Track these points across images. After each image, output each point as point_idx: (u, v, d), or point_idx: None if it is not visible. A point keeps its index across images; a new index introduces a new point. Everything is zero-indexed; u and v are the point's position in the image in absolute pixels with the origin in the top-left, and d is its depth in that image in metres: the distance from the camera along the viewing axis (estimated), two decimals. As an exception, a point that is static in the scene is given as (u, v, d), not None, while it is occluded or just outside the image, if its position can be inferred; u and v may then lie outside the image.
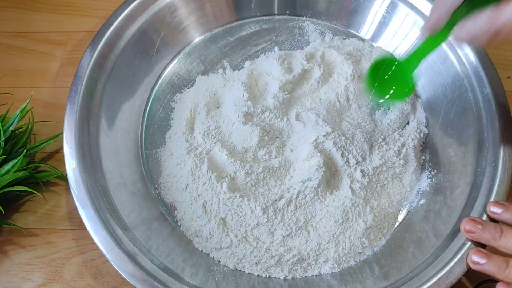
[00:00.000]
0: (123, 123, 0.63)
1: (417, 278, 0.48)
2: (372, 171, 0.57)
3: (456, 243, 0.49)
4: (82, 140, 0.56)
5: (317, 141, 0.57)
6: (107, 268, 0.57)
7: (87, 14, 0.76)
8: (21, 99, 0.66)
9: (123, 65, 0.63)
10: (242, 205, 0.56)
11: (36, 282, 0.57)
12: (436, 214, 0.55)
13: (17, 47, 0.74)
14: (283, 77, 0.62)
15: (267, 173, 0.58)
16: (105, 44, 0.62)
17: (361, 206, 0.56)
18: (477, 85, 0.58)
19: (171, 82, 0.67)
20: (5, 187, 0.56)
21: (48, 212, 0.61)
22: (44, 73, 0.71)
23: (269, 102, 0.61)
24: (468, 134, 0.57)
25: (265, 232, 0.55)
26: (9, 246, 0.59)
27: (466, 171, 0.55)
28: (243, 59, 0.69)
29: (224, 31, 0.71)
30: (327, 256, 0.55)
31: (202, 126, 0.61)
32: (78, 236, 0.60)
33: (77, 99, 0.58)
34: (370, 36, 0.69)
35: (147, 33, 0.66)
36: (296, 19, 0.71)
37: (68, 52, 0.73)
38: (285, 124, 0.60)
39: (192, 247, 0.56)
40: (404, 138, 0.60)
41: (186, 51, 0.69)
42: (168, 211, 0.59)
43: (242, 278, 0.54)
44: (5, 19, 0.77)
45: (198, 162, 0.58)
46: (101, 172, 0.56)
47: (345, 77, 0.62)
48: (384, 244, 0.56)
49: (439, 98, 0.62)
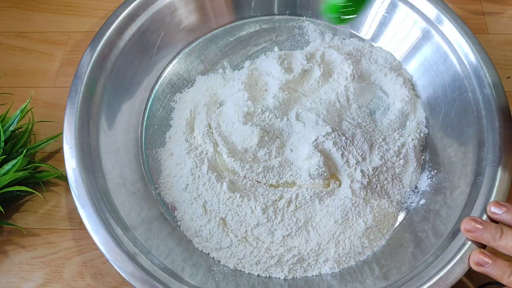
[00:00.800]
0: (123, 123, 0.63)
1: (417, 278, 0.48)
2: (372, 171, 0.57)
3: (456, 243, 0.49)
4: (82, 140, 0.56)
5: (317, 141, 0.57)
6: (107, 268, 0.57)
7: (87, 14, 0.76)
8: (21, 99, 0.66)
9: (123, 65, 0.63)
10: (242, 205, 0.56)
11: (36, 282, 0.57)
12: (436, 214, 0.55)
13: (17, 47, 0.74)
14: (283, 77, 0.62)
15: (267, 173, 0.58)
16: (105, 44, 0.62)
17: (361, 206, 0.56)
18: (477, 85, 0.58)
19: (171, 82, 0.67)
20: (5, 187, 0.56)
21: (48, 212, 0.61)
22: (44, 73, 0.71)
23: (269, 102, 0.61)
24: (468, 134, 0.57)
25: (265, 232, 0.55)
26: (9, 246, 0.59)
27: (466, 171, 0.55)
28: (243, 59, 0.69)
29: (224, 31, 0.71)
30: (327, 256, 0.55)
31: (202, 126, 0.61)
32: (78, 236, 0.59)
33: (77, 99, 0.58)
34: (370, 36, 0.69)
35: (147, 33, 0.66)
36: (296, 19, 0.71)
37: (68, 52, 0.73)
38: (285, 124, 0.60)
39: (192, 247, 0.56)
40: (404, 138, 0.60)
41: (186, 51, 0.69)
42: (168, 211, 0.59)
43: (242, 278, 0.54)
44: (5, 19, 0.77)
45: (198, 162, 0.58)
46: (101, 172, 0.56)
47: (345, 77, 0.62)
48: (384, 244, 0.56)
49: (439, 98, 0.62)
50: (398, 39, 0.67)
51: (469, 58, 0.59)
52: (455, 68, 0.60)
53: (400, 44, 0.66)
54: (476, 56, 0.59)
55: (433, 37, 0.63)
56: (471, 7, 0.74)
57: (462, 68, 0.60)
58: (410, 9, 0.65)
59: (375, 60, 0.66)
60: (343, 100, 0.62)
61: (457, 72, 0.60)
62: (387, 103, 0.64)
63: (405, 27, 0.66)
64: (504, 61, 0.69)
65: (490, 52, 0.59)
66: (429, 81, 0.64)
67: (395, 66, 0.66)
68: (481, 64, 0.58)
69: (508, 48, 0.70)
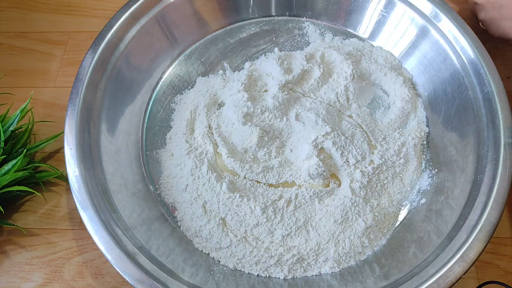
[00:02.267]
0: (124, 125, 0.63)
1: (417, 277, 0.48)
2: (372, 170, 0.57)
3: (456, 242, 0.49)
4: (83, 141, 0.56)
5: (317, 141, 0.57)
6: (107, 268, 0.57)
7: (88, 14, 0.76)
8: (21, 99, 0.66)
9: (124, 67, 0.64)
10: (241, 205, 0.56)
11: (36, 282, 0.57)
12: (437, 213, 0.55)
13: (17, 47, 0.74)
14: (283, 77, 0.62)
15: (267, 173, 0.58)
16: (106, 46, 0.62)
17: (361, 206, 0.56)
18: (477, 83, 0.58)
19: (172, 83, 0.68)
20: (5, 187, 0.57)
21: (48, 212, 0.61)
22: (44, 73, 0.71)
23: (268, 102, 0.61)
24: (469, 132, 0.57)
25: (265, 232, 0.55)
26: (9, 246, 0.59)
27: (467, 170, 0.55)
28: (243, 60, 0.69)
29: (224, 33, 0.71)
30: (327, 255, 0.55)
31: (202, 127, 0.61)
32: (78, 236, 0.59)
33: (78, 101, 0.58)
34: (368, 35, 0.69)
35: (148, 35, 0.66)
36: (296, 20, 0.72)
37: (68, 52, 0.73)
38: (285, 124, 0.60)
39: (192, 247, 0.56)
40: (404, 137, 0.60)
41: (187, 53, 0.70)
42: (168, 212, 0.59)
43: (242, 278, 0.54)
44: (5, 19, 0.77)
45: (198, 163, 0.58)
46: (101, 173, 0.56)
47: (345, 77, 0.62)
48: (384, 244, 0.56)
49: (440, 97, 0.62)
50: (396, 37, 0.67)
51: (469, 56, 0.59)
52: (455, 66, 0.60)
53: (398, 42, 0.67)
54: (475, 54, 0.59)
55: (431, 34, 0.63)
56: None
57: (462, 66, 0.60)
58: (408, 7, 0.65)
59: (375, 59, 0.66)
60: (343, 100, 0.62)
61: (457, 70, 0.60)
62: (387, 102, 0.64)
63: (402, 25, 0.66)
64: (504, 61, 0.69)
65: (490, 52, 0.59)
66: (428, 79, 0.64)
67: (395, 65, 0.66)
68: (480, 61, 0.58)
69: (508, 48, 0.70)
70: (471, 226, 0.50)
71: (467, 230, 0.50)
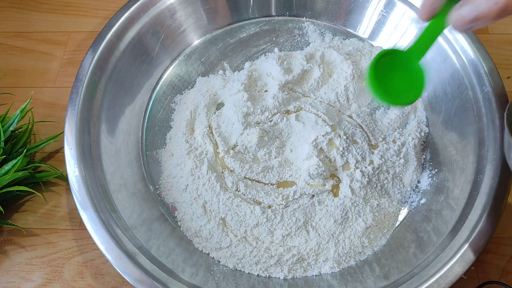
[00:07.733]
0: (124, 125, 0.63)
1: (417, 277, 0.48)
2: (372, 170, 0.57)
3: (456, 242, 0.49)
4: (83, 142, 0.56)
5: (317, 141, 0.57)
6: (107, 268, 0.57)
7: (87, 14, 0.76)
8: (21, 99, 0.66)
9: (124, 67, 0.64)
10: (241, 205, 0.56)
11: (36, 282, 0.57)
12: (437, 213, 0.55)
13: (17, 47, 0.74)
14: (282, 77, 0.62)
15: (267, 173, 0.58)
16: (106, 47, 0.62)
17: (360, 206, 0.56)
18: (477, 83, 0.58)
19: (172, 83, 0.68)
20: (5, 187, 0.57)
21: (48, 212, 0.61)
22: (44, 73, 0.71)
23: (268, 102, 0.61)
24: (469, 132, 0.57)
25: (265, 232, 0.55)
26: (9, 246, 0.59)
27: (467, 170, 0.55)
28: (243, 60, 0.69)
29: (224, 33, 0.71)
30: (327, 255, 0.55)
31: (202, 127, 0.61)
32: (78, 236, 0.59)
33: (78, 101, 0.58)
34: (368, 35, 0.69)
35: (148, 35, 0.66)
36: (296, 20, 0.71)
37: (68, 52, 0.73)
38: (285, 124, 0.60)
39: (192, 247, 0.56)
40: (404, 137, 0.60)
41: (187, 53, 0.70)
42: (168, 212, 0.59)
43: (242, 278, 0.54)
44: (5, 19, 0.77)
45: (198, 163, 0.58)
46: (102, 173, 0.56)
47: (345, 77, 0.62)
48: (384, 244, 0.56)
49: (440, 97, 0.62)
50: (396, 37, 0.67)
51: (469, 56, 0.59)
52: (455, 66, 0.60)
53: (398, 42, 0.66)
54: (475, 53, 0.59)
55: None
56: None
57: (462, 66, 0.59)
58: (408, 7, 0.65)
59: (375, 60, 0.66)
60: (343, 100, 0.62)
61: (457, 70, 0.60)
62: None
63: (402, 25, 0.66)
64: (504, 61, 0.69)
65: (491, 52, 0.59)
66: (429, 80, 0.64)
67: (395, 65, 0.66)
68: (480, 61, 0.58)
69: (508, 48, 0.70)
70: (471, 226, 0.50)
71: (467, 230, 0.50)
